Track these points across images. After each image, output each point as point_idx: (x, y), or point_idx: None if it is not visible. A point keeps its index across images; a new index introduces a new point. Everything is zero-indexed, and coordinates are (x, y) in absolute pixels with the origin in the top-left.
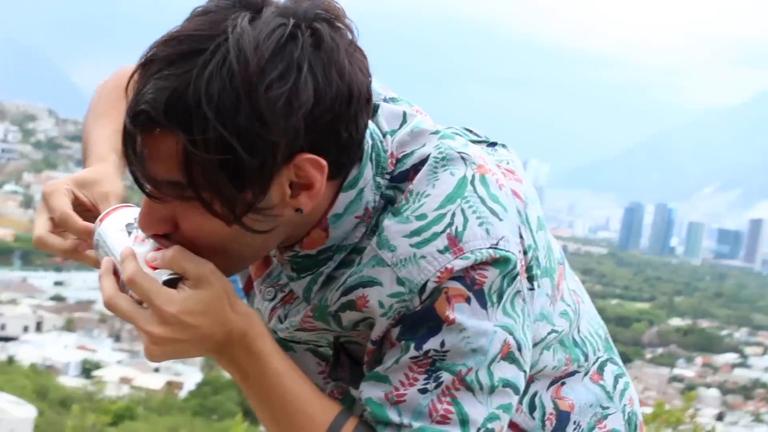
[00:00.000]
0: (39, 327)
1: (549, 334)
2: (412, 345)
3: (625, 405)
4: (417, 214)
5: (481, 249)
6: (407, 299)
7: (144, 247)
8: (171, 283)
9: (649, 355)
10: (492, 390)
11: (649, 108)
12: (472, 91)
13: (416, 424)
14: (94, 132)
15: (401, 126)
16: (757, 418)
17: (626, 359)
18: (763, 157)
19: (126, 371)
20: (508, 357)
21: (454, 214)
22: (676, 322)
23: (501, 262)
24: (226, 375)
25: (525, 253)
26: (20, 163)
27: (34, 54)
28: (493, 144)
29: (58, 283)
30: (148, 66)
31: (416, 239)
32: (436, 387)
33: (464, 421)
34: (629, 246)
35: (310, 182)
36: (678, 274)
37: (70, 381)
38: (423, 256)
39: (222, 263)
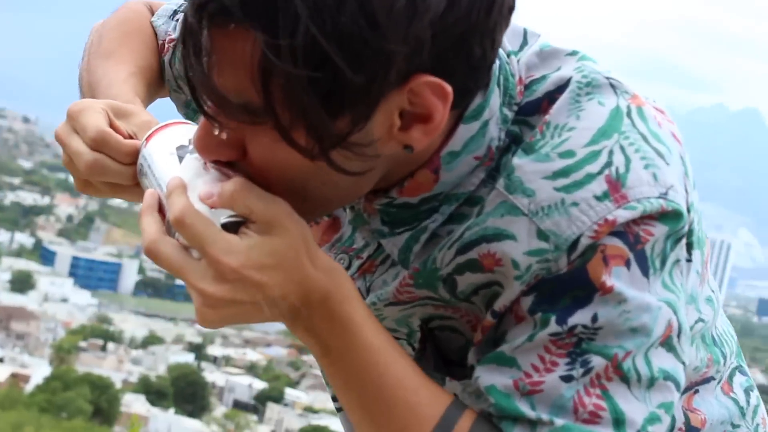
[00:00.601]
0: None
1: (696, 322)
2: (553, 318)
3: (758, 425)
4: (561, 150)
5: (649, 198)
6: (551, 258)
7: (200, 178)
8: (232, 227)
9: None
10: (651, 383)
11: None
12: None
13: (559, 422)
14: (105, 75)
15: (522, 47)
16: None
17: None
18: None
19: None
20: (667, 343)
21: (612, 152)
22: None
23: (671, 216)
24: (78, 370)
25: (689, 209)
26: None
27: None
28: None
29: None
30: None
31: (564, 181)
32: (584, 374)
33: (619, 421)
34: None
35: (429, 113)
36: None
37: None
38: (575, 203)
39: (299, 206)
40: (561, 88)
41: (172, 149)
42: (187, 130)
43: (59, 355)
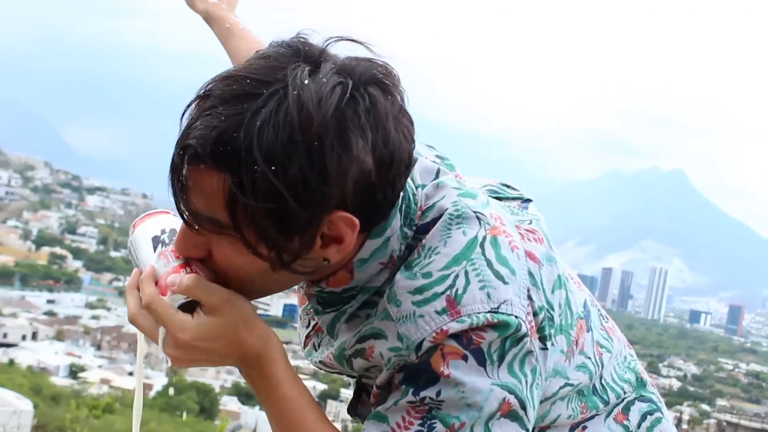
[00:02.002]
0: (34, 336)
1: (562, 388)
2: (411, 391)
3: None
4: (424, 271)
5: (478, 313)
6: (404, 354)
7: (168, 266)
8: (188, 306)
9: None
10: (518, 417)
11: (523, 179)
12: None
13: None
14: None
15: (433, 179)
16: None
17: None
18: (611, 220)
19: (105, 374)
20: (510, 415)
21: (457, 276)
22: None
23: (500, 326)
24: (187, 378)
25: (535, 314)
26: (20, 203)
27: (34, 115)
28: (527, 200)
29: (50, 301)
30: (203, 100)
31: (418, 297)
32: (432, 429)
33: None
34: None
35: (341, 237)
36: None
37: (60, 381)
38: (421, 315)
39: (246, 292)
40: (439, 216)
41: (149, 239)
42: (166, 220)
43: (173, 369)
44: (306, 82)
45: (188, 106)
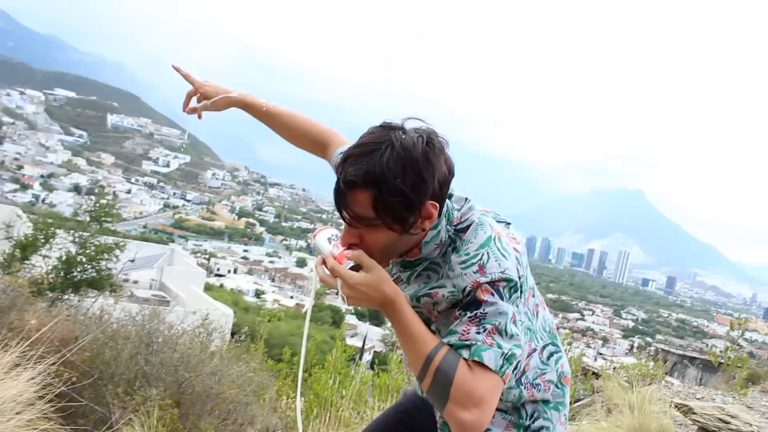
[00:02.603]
0: (235, 271)
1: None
2: (467, 313)
3: (558, 368)
4: (466, 252)
5: (494, 272)
6: (456, 295)
7: (338, 250)
8: (354, 269)
9: None
10: (511, 336)
11: (539, 190)
12: None
13: (476, 345)
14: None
15: (463, 205)
16: (588, 346)
17: None
18: (595, 219)
19: (276, 296)
20: (515, 322)
21: (483, 255)
22: (550, 295)
23: (506, 279)
24: (325, 302)
25: (519, 277)
26: (230, 191)
27: (238, 137)
28: (508, 223)
29: (245, 251)
30: (347, 159)
31: (464, 265)
32: (484, 331)
33: (500, 346)
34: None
35: (431, 214)
36: (552, 273)
37: (249, 299)
38: (466, 274)
39: (381, 258)
40: (471, 224)
41: (325, 239)
42: (330, 231)
43: (318, 295)
44: (403, 137)
45: (337, 167)
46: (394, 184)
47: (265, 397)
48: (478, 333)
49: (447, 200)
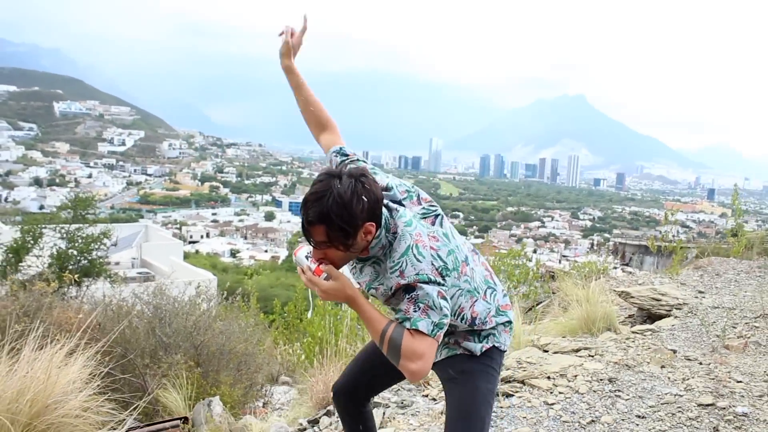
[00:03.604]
0: (208, 235)
1: (458, 290)
2: (407, 295)
3: (494, 302)
4: (392, 259)
5: (410, 276)
6: (388, 291)
7: (314, 264)
8: (326, 279)
9: (498, 225)
10: (440, 309)
11: (484, 108)
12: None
13: (413, 318)
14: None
15: (395, 215)
16: (552, 250)
17: (486, 229)
18: (542, 129)
19: (251, 253)
20: (443, 297)
21: (402, 263)
22: (510, 209)
23: (422, 279)
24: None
25: (438, 269)
26: (189, 158)
27: (188, 104)
28: (437, 215)
29: (213, 214)
30: (306, 204)
31: (391, 270)
32: (418, 307)
33: (430, 317)
34: (484, 175)
35: (369, 231)
36: (509, 187)
37: (226, 260)
38: (395, 276)
39: (341, 264)
40: (397, 236)
41: (303, 256)
42: (306, 248)
43: (290, 245)
44: (339, 185)
45: (301, 206)
46: (335, 222)
47: (264, 347)
48: (415, 310)
49: (386, 212)
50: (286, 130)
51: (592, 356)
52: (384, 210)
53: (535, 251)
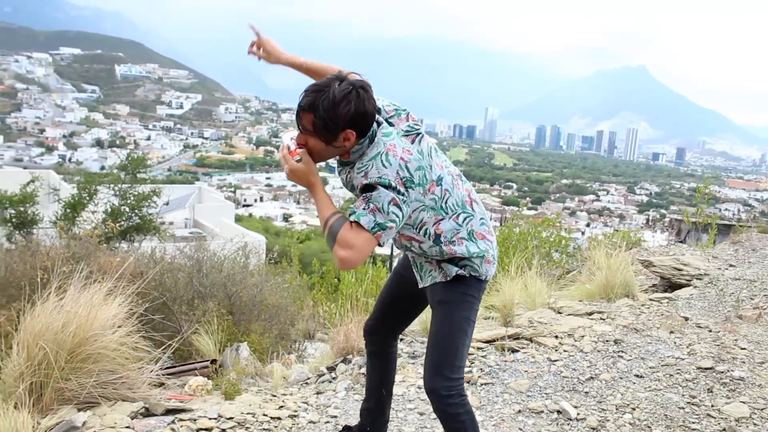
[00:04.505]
0: (261, 199)
1: (421, 204)
2: (363, 194)
3: (468, 227)
4: (361, 162)
5: (373, 177)
6: (357, 186)
7: (294, 146)
8: (298, 161)
9: (552, 198)
10: (387, 213)
11: (543, 78)
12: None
13: (358, 212)
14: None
15: (377, 129)
16: (605, 224)
17: (540, 201)
18: (601, 100)
19: (303, 218)
20: (396, 205)
21: (369, 165)
22: (564, 181)
23: (383, 183)
24: None
25: (402, 179)
26: (244, 122)
27: (245, 69)
28: (419, 133)
29: (267, 178)
30: (306, 92)
31: (358, 171)
32: (368, 206)
33: (375, 217)
34: (539, 146)
35: (350, 138)
36: (564, 159)
37: (278, 224)
38: (361, 176)
39: (316, 156)
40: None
41: (288, 137)
42: (293, 133)
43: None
44: (337, 86)
45: (301, 96)
46: (320, 114)
47: (303, 306)
48: (364, 208)
49: (375, 127)
50: None
51: (603, 320)
52: (374, 125)
53: (588, 225)
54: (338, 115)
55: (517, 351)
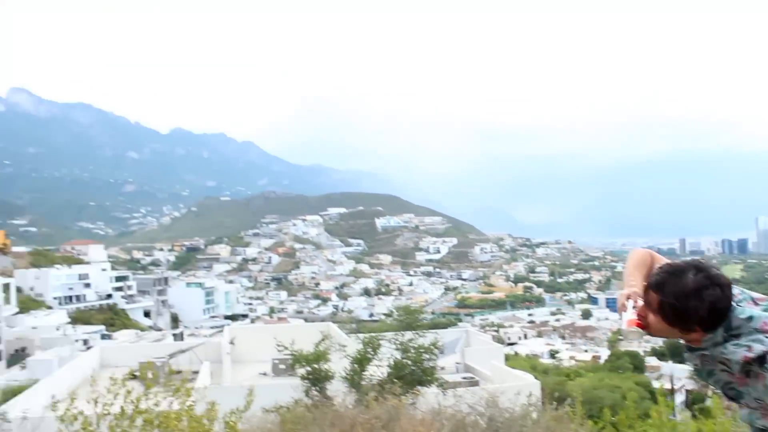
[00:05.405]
0: (525, 336)
1: None
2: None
3: None
4: (742, 341)
5: (759, 350)
6: (736, 367)
7: (632, 316)
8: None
9: None
10: None
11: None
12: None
13: None
14: (629, 274)
15: (744, 321)
16: None
17: None
18: None
19: (570, 353)
20: None
21: (753, 345)
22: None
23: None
24: (621, 348)
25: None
26: (500, 261)
27: (495, 208)
28: None
29: (530, 314)
30: (658, 271)
31: (736, 345)
32: None
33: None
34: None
35: (695, 335)
36: None
37: (545, 361)
38: (740, 351)
39: (655, 333)
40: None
41: (628, 301)
42: (636, 295)
43: (611, 342)
44: (691, 277)
45: (655, 271)
46: (668, 299)
47: None
48: None
49: (731, 313)
50: (594, 224)
51: None
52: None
53: None
54: (687, 308)
55: None
